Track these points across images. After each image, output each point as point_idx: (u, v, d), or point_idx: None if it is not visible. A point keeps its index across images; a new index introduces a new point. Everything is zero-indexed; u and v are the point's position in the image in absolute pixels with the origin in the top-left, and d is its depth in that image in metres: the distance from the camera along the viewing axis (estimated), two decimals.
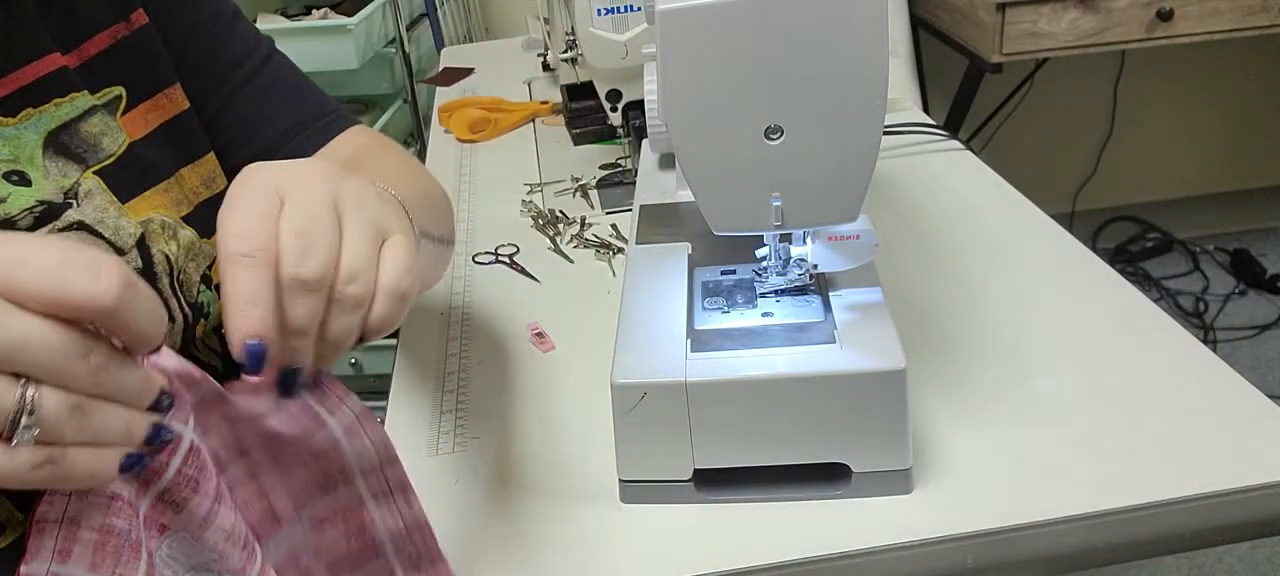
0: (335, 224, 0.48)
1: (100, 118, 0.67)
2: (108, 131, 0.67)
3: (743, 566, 0.59)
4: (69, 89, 0.66)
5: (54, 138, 0.64)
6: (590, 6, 1.04)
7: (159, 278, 0.68)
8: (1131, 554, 0.62)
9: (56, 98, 0.65)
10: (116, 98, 0.69)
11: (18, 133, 0.63)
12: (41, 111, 0.64)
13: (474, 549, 0.63)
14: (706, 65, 0.57)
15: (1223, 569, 1.75)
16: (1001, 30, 1.81)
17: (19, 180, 0.62)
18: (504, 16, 2.30)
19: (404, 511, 0.54)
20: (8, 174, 0.62)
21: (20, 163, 0.63)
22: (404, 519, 0.54)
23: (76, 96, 0.66)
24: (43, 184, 0.63)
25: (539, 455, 0.71)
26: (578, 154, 1.25)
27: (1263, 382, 1.43)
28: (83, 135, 0.66)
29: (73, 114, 0.66)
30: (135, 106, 0.71)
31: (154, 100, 0.72)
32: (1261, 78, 2.54)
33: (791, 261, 0.67)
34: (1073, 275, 0.86)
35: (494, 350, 0.85)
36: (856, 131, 0.58)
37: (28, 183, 0.63)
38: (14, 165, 0.62)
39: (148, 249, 0.68)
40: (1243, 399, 0.69)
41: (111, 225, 0.66)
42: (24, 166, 0.63)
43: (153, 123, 0.72)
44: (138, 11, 0.72)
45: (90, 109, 0.67)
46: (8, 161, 0.62)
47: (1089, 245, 1.00)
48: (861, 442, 0.62)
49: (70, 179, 0.65)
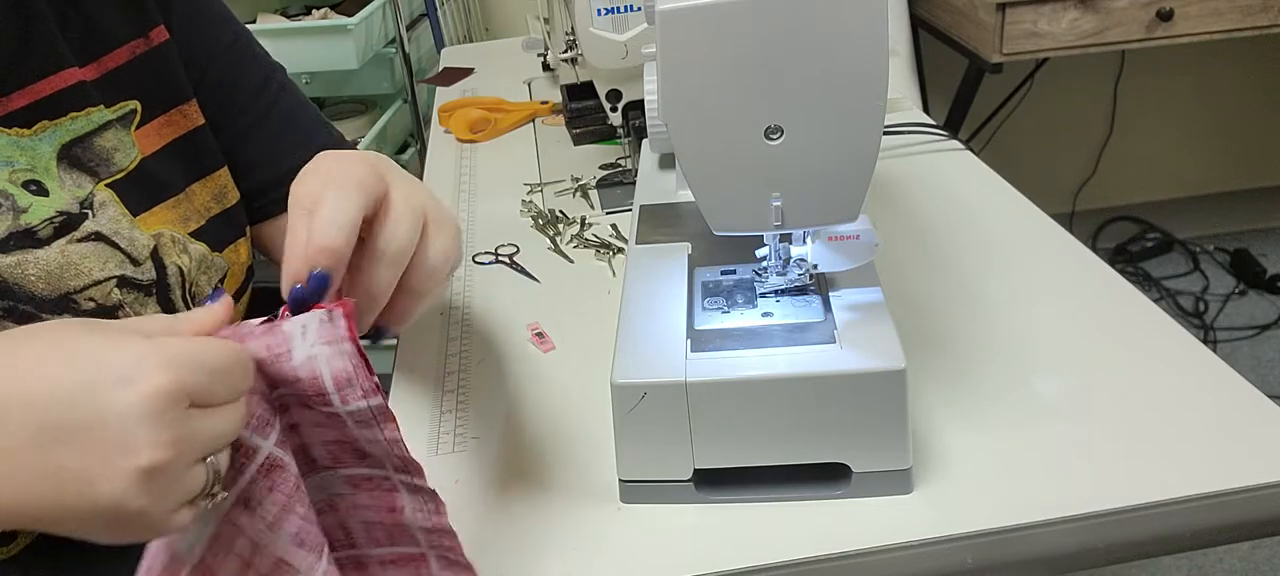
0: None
1: (114, 133, 0.68)
2: (121, 147, 0.68)
3: (743, 566, 0.59)
4: (85, 103, 0.66)
5: (67, 150, 0.65)
6: (590, 6, 1.04)
7: (172, 288, 0.69)
8: (1131, 554, 0.62)
9: (73, 111, 0.66)
10: (131, 111, 0.70)
11: (33, 144, 0.64)
12: (57, 124, 0.65)
13: (474, 549, 0.63)
14: (706, 65, 0.57)
15: (1223, 569, 1.75)
16: (1001, 30, 1.81)
17: (37, 189, 0.63)
18: (504, 16, 2.30)
19: (433, 516, 0.54)
20: (26, 183, 0.62)
21: (36, 173, 0.63)
22: (433, 521, 0.54)
23: (92, 111, 0.67)
24: (59, 194, 0.64)
25: (539, 455, 0.71)
26: (578, 154, 1.25)
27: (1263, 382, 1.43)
28: (96, 149, 0.67)
29: (88, 128, 0.66)
30: (150, 121, 0.71)
31: (169, 116, 0.73)
32: (1261, 78, 2.54)
33: (791, 261, 0.67)
34: (1073, 275, 0.86)
35: (494, 350, 0.85)
36: (856, 131, 0.58)
37: (45, 193, 0.63)
38: (31, 175, 0.63)
39: (161, 260, 0.68)
40: (1243, 399, 0.69)
41: (126, 236, 0.66)
42: (40, 176, 0.63)
43: (166, 137, 0.72)
44: (157, 28, 0.72)
45: (105, 124, 0.67)
46: (25, 171, 0.63)
47: (1089, 245, 1.00)
48: (861, 442, 0.62)
49: (83, 191, 0.65)
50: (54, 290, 0.62)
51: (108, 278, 0.65)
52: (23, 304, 0.60)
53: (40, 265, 0.61)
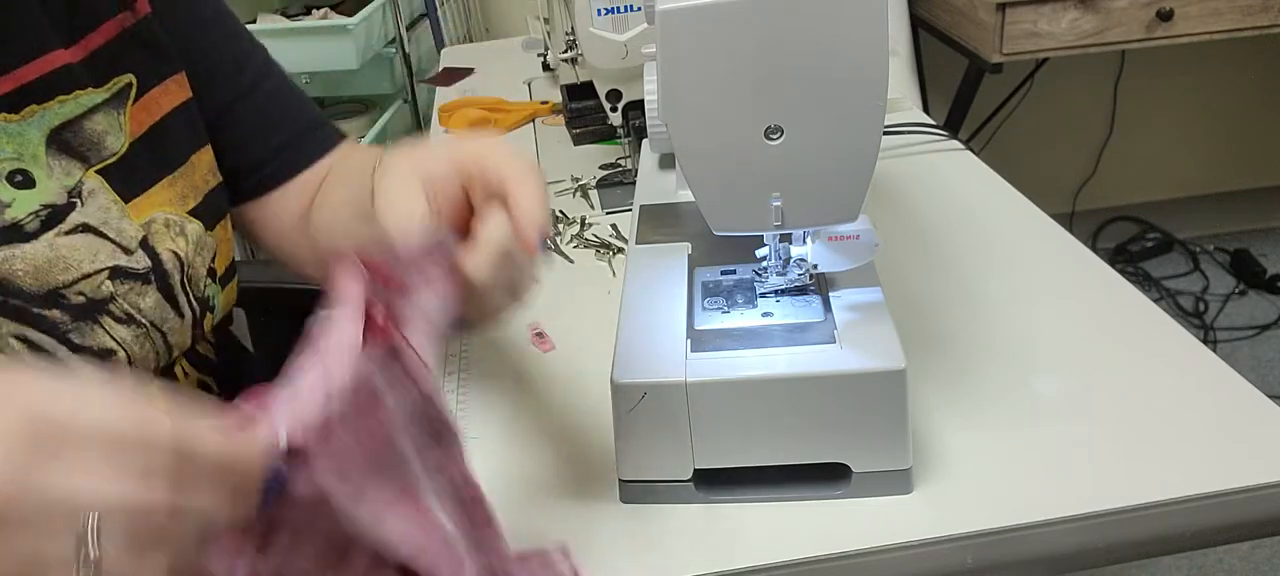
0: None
1: (104, 116, 0.67)
2: (111, 130, 0.67)
3: (743, 566, 0.59)
4: (73, 86, 0.66)
5: (56, 135, 0.64)
6: (590, 6, 1.04)
7: (169, 276, 0.68)
8: (1131, 554, 0.62)
9: (60, 94, 0.65)
10: (127, 86, 0.69)
11: (21, 129, 0.63)
12: (45, 108, 0.64)
13: None
14: (706, 65, 0.57)
15: (1223, 569, 1.75)
16: (1001, 30, 1.81)
17: (22, 181, 0.62)
18: (504, 16, 2.30)
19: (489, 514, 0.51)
20: (11, 174, 0.62)
21: (24, 161, 0.62)
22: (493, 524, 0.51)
23: (80, 94, 0.66)
24: (46, 184, 0.63)
25: (539, 455, 0.71)
26: (578, 154, 1.25)
27: (1263, 382, 1.43)
28: (86, 133, 0.66)
29: (76, 111, 0.66)
30: (148, 92, 0.70)
31: (164, 86, 0.72)
32: (1261, 78, 2.54)
33: (791, 261, 0.67)
34: (1073, 275, 0.86)
35: (494, 350, 0.85)
36: (856, 131, 0.58)
37: (31, 184, 0.63)
38: (18, 164, 0.62)
39: (153, 248, 0.68)
40: (1243, 399, 0.69)
41: (114, 226, 0.66)
42: (27, 165, 0.63)
43: (166, 107, 0.71)
44: (140, 1, 0.71)
45: (94, 107, 0.67)
46: (11, 160, 0.62)
47: (1089, 245, 1.00)
48: (861, 442, 0.62)
49: (73, 178, 0.65)
50: (42, 285, 0.61)
51: (99, 270, 0.64)
52: (12, 299, 0.60)
53: (27, 260, 0.61)
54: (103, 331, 0.64)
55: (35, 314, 0.61)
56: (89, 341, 0.63)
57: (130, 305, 0.66)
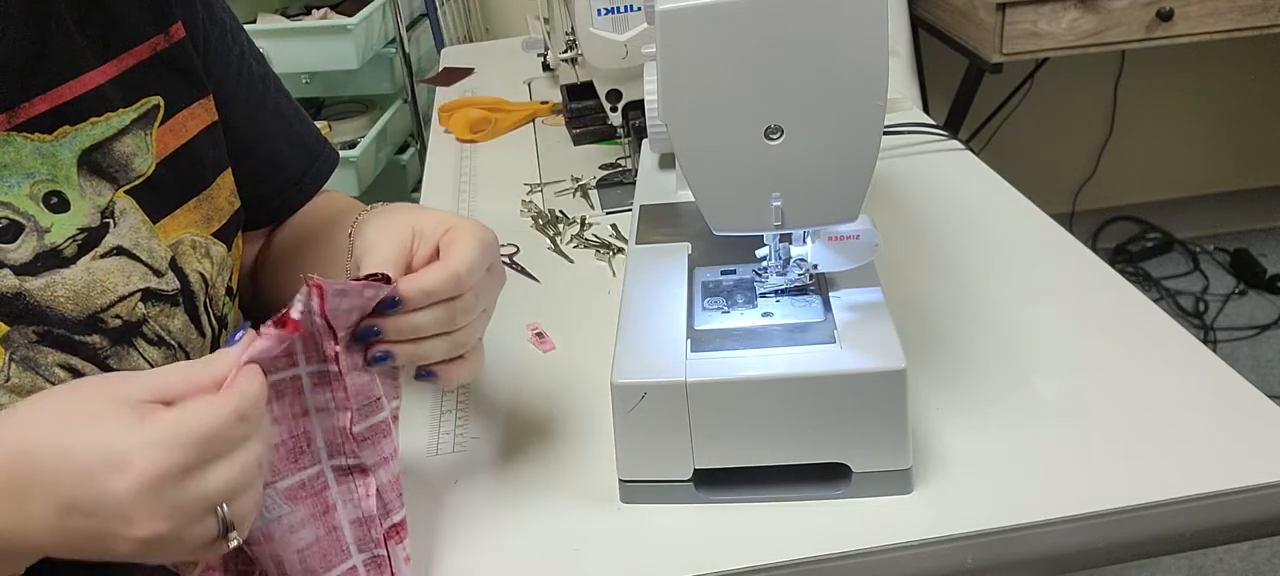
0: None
1: (133, 138, 0.67)
2: (139, 152, 0.67)
3: (743, 566, 0.59)
4: (105, 108, 0.66)
5: (88, 156, 0.64)
6: (590, 6, 1.04)
7: (196, 296, 0.69)
8: (1131, 554, 0.62)
9: (93, 116, 0.65)
10: (154, 107, 0.69)
11: (54, 150, 0.63)
12: (78, 130, 0.64)
13: (474, 549, 0.63)
14: (706, 65, 0.57)
15: (1223, 569, 1.75)
16: (1001, 30, 1.81)
17: (58, 203, 0.62)
18: (504, 16, 2.30)
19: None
20: (47, 197, 0.62)
21: (58, 182, 0.63)
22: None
23: (112, 116, 0.66)
24: (80, 205, 0.63)
25: (539, 455, 0.71)
26: (578, 154, 1.25)
27: (1263, 382, 1.43)
28: (116, 155, 0.66)
29: (107, 133, 0.66)
30: (175, 115, 0.71)
31: (191, 110, 0.72)
32: (1261, 78, 2.54)
33: (791, 261, 0.67)
34: (1073, 275, 0.86)
35: (494, 350, 0.85)
36: (856, 131, 0.58)
37: (66, 206, 0.63)
38: (52, 185, 0.62)
39: (181, 269, 0.68)
40: (1243, 399, 0.69)
41: (145, 247, 0.66)
42: (61, 186, 0.63)
43: (193, 130, 0.72)
44: (176, 24, 0.72)
45: (124, 128, 0.67)
46: (46, 182, 0.62)
47: (1089, 245, 1.00)
48: (861, 442, 0.62)
49: (104, 198, 0.65)
50: (82, 310, 0.61)
51: (132, 293, 0.64)
52: (56, 328, 0.60)
53: (68, 286, 0.61)
54: (137, 354, 0.64)
55: (77, 342, 0.61)
56: (125, 365, 0.63)
57: (161, 327, 0.66)
